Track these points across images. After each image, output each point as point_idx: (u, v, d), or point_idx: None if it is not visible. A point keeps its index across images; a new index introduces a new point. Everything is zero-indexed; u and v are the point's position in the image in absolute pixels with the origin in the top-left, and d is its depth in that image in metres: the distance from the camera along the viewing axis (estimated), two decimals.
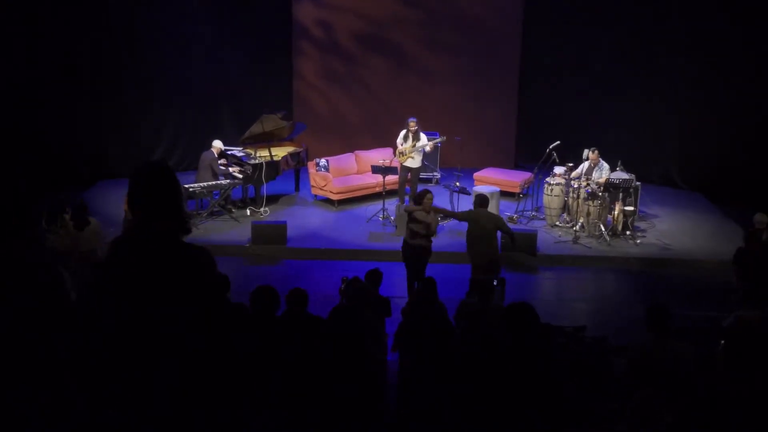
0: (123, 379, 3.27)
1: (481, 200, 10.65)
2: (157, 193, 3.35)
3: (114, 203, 13.14)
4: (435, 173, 16.16)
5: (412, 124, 14.14)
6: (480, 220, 10.46)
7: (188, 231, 3.43)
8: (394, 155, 14.63)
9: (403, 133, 14.32)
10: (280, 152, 14.79)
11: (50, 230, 9.74)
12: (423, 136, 14.25)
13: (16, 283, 3.80)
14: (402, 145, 14.25)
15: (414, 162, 14.25)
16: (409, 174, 14.34)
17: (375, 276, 8.68)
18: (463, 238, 10.79)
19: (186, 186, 13.23)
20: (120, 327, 3.26)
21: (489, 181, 15.15)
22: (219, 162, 14.07)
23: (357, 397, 6.75)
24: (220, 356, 3.46)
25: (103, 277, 3.34)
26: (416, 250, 10.54)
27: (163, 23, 15.93)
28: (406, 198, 14.48)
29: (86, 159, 15.78)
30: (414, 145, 14.12)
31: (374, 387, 7.07)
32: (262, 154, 14.42)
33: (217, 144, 14.16)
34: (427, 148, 14.32)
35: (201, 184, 13.60)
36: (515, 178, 15.36)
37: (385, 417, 7.22)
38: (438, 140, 14.78)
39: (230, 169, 14.23)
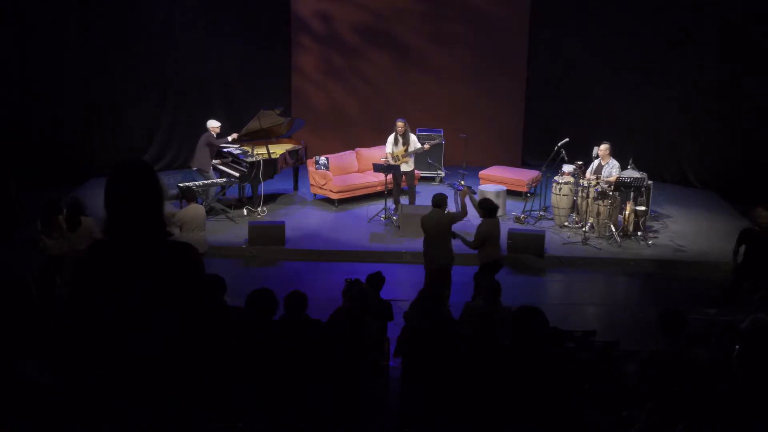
0: (112, 382, 3.25)
1: (436, 201, 10.20)
2: (135, 193, 3.28)
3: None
4: (439, 172, 15.86)
5: (401, 125, 13.67)
6: (425, 226, 10.18)
7: (167, 233, 3.38)
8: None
9: (391, 137, 13.83)
10: (278, 150, 14.52)
11: (44, 232, 9.59)
12: (413, 138, 13.85)
13: None
14: (393, 150, 13.78)
15: (407, 166, 13.83)
16: (404, 177, 13.92)
17: (376, 279, 8.52)
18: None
19: (181, 184, 12.99)
20: (107, 328, 3.23)
21: (495, 179, 14.90)
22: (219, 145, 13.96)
23: (357, 402, 6.63)
24: (214, 358, 3.52)
25: (86, 280, 3.30)
26: None
27: (156, 16, 15.70)
28: (403, 198, 14.15)
29: (77, 157, 15.47)
30: (406, 149, 13.70)
31: (375, 392, 6.99)
32: (260, 152, 14.15)
33: (211, 123, 13.93)
34: (426, 146, 13.93)
35: (196, 183, 13.27)
36: (522, 177, 15.07)
37: (386, 423, 7.08)
38: (435, 141, 14.38)
39: (215, 161, 14.00)
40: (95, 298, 3.24)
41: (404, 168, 13.79)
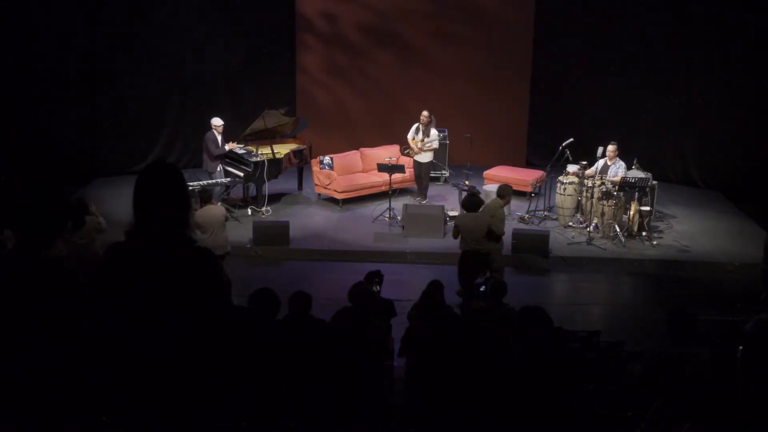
0: (124, 381, 3.26)
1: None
2: (162, 196, 3.31)
3: (110, 201, 12.79)
4: (444, 171, 15.84)
5: (425, 116, 14.03)
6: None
7: (188, 238, 3.37)
8: (401, 152, 14.39)
9: (415, 126, 14.23)
10: (282, 149, 14.52)
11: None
12: (433, 133, 14.13)
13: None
14: (414, 138, 14.18)
15: (423, 157, 14.16)
16: (421, 169, 14.29)
17: (373, 277, 8.53)
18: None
19: (192, 184, 13.00)
20: (120, 329, 3.25)
21: (499, 179, 14.76)
22: (221, 148, 13.86)
23: (358, 402, 6.62)
24: (222, 358, 3.47)
25: (102, 280, 3.33)
26: None
27: (161, 16, 15.69)
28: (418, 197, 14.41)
29: (81, 156, 15.47)
30: (423, 141, 14.02)
31: (378, 392, 6.99)
32: (264, 152, 14.11)
33: (214, 121, 13.88)
34: (434, 145, 14.21)
35: (201, 182, 13.28)
36: (527, 177, 15.03)
37: (391, 423, 7.04)
38: (440, 136, 14.80)
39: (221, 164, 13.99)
40: (112, 298, 3.27)
41: (420, 158, 14.16)
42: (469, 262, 10.24)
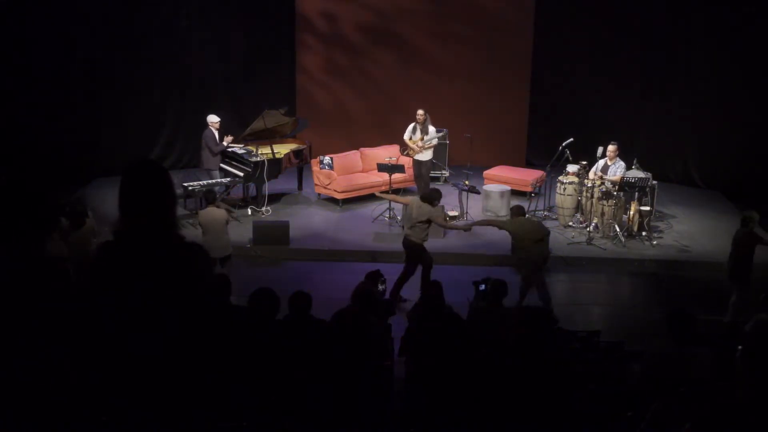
0: (117, 381, 3.26)
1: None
2: (149, 194, 3.30)
3: (110, 202, 12.77)
4: (443, 171, 15.83)
5: (420, 114, 14.08)
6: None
7: (176, 235, 3.37)
8: (401, 153, 14.40)
9: (411, 126, 14.22)
10: (282, 149, 14.52)
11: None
12: (431, 129, 14.17)
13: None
14: (411, 137, 14.18)
15: (424, 155, 14.22)
16: (422, 167, 14.30)
17: (375, 277, 8.60)
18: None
19: (185, 185, 13.02)
20: (115, 328, 3.24)
21: (499, 179, 14.86)
22: (220, 144, 13.88)
23: (358, 402, 6.61)
24: (218, 357, 3.47)
25: (95, 279, 3.31)
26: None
27: (161, 15, 15.69)
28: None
29: (81, 156, 15.43)
30: (422, 138, 14.04)
31: (378, 392, 6.97)
32: (264, 152, 14.10)
33: (210, 118, 13.90)
34: (434, 141, 14.22)
35: (201, 182, 13.29)
36: (526, 177, 15.04)
37: (390, 423, 7.03)
38: (441, 134, 14.80)
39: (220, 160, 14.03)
40: (104, 297, 3.26)
41: (421, 157, 14.19)
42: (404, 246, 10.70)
